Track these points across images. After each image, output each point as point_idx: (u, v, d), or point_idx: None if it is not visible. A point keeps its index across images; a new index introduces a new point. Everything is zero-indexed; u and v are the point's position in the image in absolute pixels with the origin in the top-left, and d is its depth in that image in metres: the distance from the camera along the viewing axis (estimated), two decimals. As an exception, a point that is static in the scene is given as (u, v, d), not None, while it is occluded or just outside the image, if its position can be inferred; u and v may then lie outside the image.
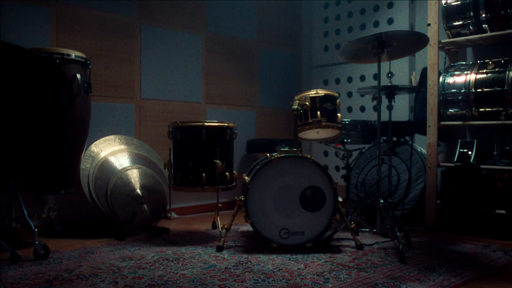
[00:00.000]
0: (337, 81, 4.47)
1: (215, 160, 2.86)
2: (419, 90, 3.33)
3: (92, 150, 3.27)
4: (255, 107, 4.44)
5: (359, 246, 2.76)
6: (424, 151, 3.59)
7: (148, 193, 3.20)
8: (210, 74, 4.07)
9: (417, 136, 3.84)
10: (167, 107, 3.77)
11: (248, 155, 4.26)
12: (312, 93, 2.95)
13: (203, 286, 2.05)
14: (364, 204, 3.01)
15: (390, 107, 3.03)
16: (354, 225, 2.83)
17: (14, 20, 2.98)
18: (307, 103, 2.92)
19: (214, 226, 3.40)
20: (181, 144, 2.93)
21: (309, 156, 2.70)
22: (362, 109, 4.28)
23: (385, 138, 3.20)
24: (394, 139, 3.13)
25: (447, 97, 3.28)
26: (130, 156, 3.33)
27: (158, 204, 3.24)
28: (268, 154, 2.84)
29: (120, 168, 3.20)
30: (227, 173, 2.93)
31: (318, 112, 2.91)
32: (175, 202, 3.86)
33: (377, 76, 4.13)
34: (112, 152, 3.29)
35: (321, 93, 2.94)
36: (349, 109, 4.37)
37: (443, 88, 3.30)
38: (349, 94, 4.37)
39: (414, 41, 2.81)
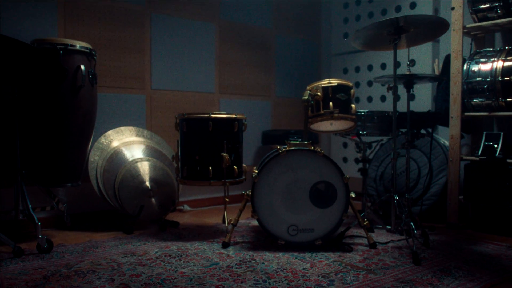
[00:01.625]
0: (357, 69, 4.28)
1: (222, 153, 2.76)
2: (441, 79, 3.12)
3: (101, 141, 3.23)
4: (272, 97, 4.30)
5: (372, 245, 2.61)
6: (448, 143, 3.39)
7: (157, 186, 3.13)
8: (223, 63, 3.96)
9: (441, 128, 3.63)
10: (178, 98, 3.69)
11: (264, 147, 4.15)
12: (325, 82, 2.80)
13: (200, 286, 1.97)
14: (379, 200, 2.86)
15: (408, 97, 2.85)
16: (367, 222, 2.69)
17: (21, 11, 2.94)
18: (318, 94, 2.77)
19: (224, 220, 3.30)
20: (187, 137, 2.85)
21: (319, 150, 2.57)
22: (383, 98, 4.09)
23: (404, 130, 3.02)
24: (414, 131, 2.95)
25: (471, 86, 3.06)
26: (140, 148, 3.28)
27: (167, 197, 3.18)
28: (278, 147, 2.72)
29: (129, 160, 3.15)
30: (235, 167, 2.83)
31: (331, 103, 2.76)
32: (188, 194, 3.80)
33: (399, 64, 3.94)
34: (122, 144, 3.24)
35: (334, 82, 2.79)
36: (369, 99, 4.18)
37: (468, 77, 3.08)
38: (370, 83, 4.18)
39: (434, 26, 2.61)
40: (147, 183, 3.10)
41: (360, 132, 3.11)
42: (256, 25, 4.17)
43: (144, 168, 3.14)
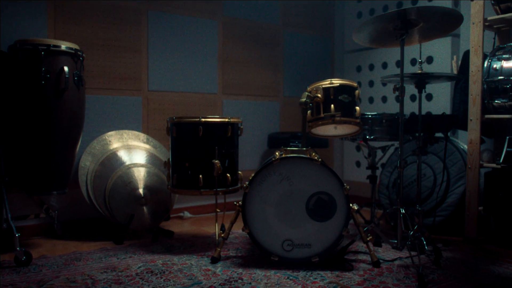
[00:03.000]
0: (371, 67, 4.00)
1: (213, 160, 2.56)
2: (458, 78, 2.82)
3: (93, 146, 3.08)
4: (280, 98, 4.07)
5: (376, 263, 2.36)
6: (466, 148, 3.08)
7: (150, 194, 2.96)
8: (227, 62, 3.75)
9: (460, 131, 3.32)
10: (178, 99, 3.51)
11: (270, 150, 3.93)
12: (326, 83, 2.56)
13: (172, 313, 1.77)
14: (384, 213, 2.60)
15: (420, 99, 2.58)
16: (371, 237, 2.43)
17: (9, 12, 2.81)
18: (319, 95, 2.53)
19: (223, 229, 3.10)
20: (177, 142, 2.66)
21: (316, 157, 2.33)
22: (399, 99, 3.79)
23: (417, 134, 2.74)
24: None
25: (493, 85, 2.74)
26: (134, 152, 3.11)
27: (161, 205, 3.00)
28: (277, 153, 2.50)
29: (121, 166, 2.99)
30: (228, 174, 2.63)
31: (332, 106, 2.52)
32: (190, 200, 3.62)
33: (414, 61, 3.64)
34: (115, 149, 3.09)
35: (336, 83, 2.55)
36: (384, 99, 3.89)
37: (489, 75, 2.77)
38: (383, 83, 3.89)
39: (447, 19, 2.33)
40: (140, 190, 2.93)
41: (368, 137, 2.86)
42: (262, 21, 3.94)
43: (138, 174, 2.97)
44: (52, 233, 2.98)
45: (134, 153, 3.11)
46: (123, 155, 3.06)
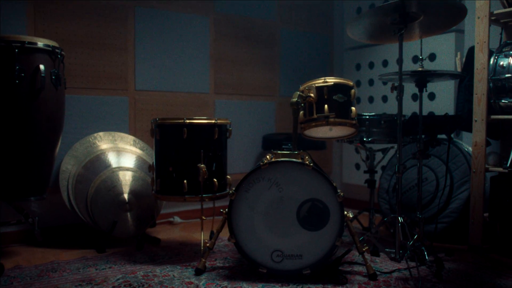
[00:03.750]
0: (371, 65, 3.82)
1: (198, 164, 2.39)
2: (462, 76, 2.64)
3: (75, 149, 2.93)
4: (276, 97, 3.90)
5: (372, 276, 2.19)
6: (471, 150, 2.89)
7: (136, 199, 2.80)
8: (219, 61, 3.59)
9: (465, 132, 3.14)
10: (167, 100, 3.35)
11: (265, 152, 3.75)
12: (319, 82, 2.39)
13: (143, 335, 1.61)
14: (382, 220, 2.42)
15: (421, 98, 2.41)
16: (367, 247, 2.26)
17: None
18: (311, 95, 2.36)
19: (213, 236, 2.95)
20: (161, 145, 2.50)
21: (308, 162, 2.16)
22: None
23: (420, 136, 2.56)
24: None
25: (499, 83, 2.56)
26: (120, 155, 2.95)
27: (146, 211, 2.84)
28: (268, 156, 2.34)
29: (105, 169, 2.83)
30: (214, 179, 2.46)
31: (326, 106, 2.35)
32: (179, 205, 3.46)
33: (415, 59, 3.46)
34: (99, 151, 2.93)
35: (330, 81, 2.37)
36: (384, 99, 3.71)
37: (495, 73, 2.58)
38: (384, 82, 3.70)
39: (450, 12, 2.15)
40: (125, 195, 2.77)
41: (365, 139, 2.68)
42: (258, 18, 3.77)
43: (122, 179, 2.81)
44: (33, 240, 2.84)
45: (119, 156, 2.95)
46: (108, 158, 2.90)
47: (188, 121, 2.40)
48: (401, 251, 2.18)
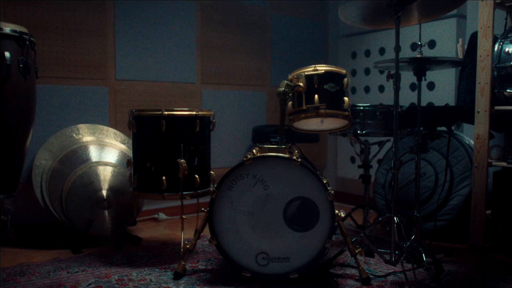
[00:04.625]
0: (367, 53, 3.62)
1: (178, 159, 2.21)
2: (464, 63, 2.45)
3: (51, 142, 2.75)
4: (267, 87, 3.71)
5: (365, 280, 2.02)
6: (473, 143, 2.72)
7: (115, 196, 2.62)
8: (206, 48, 3.39)
9: (466, 125, 2.95)
10: (150, 90, 3.15)
11: (255, 145, 3.56)
12: (309, 70, 2.20)
13: None
14: (378, 217, 2.25)
15: (419, 87, 2.23)
16: (360, 249, 2.09)
17: None
18: (301, 84, 2.17)
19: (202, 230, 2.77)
20: (138, 139, 2.32)
21: (295, 157, 1.98)
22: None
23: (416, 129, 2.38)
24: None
25: (504, 72, 2.38)
26: (99, 149, 2.77)
27: (126, 209, 2.66)
28: (254, 150, 2.16)
29: (82, 164, 2.65)
30: (196, 175, 2.28)
31: (316, 96, 2.16)
32: (165, 201, 3.28)
33: (415, 46, 3.26)
34: (76, 145, 2.75)
35: (321, 70, 2.18)
36: (381, 88, 3.52)
37: (499, 60, 2.40)
38: (380, 70, 3.51)
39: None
40: (103, 192, 2.59)
41: (359, 132, 2.50)
42: (247, 2, 3.56)
43: (100, 174, 2.63)
44: (5, 239, 2.66)
45: (98, 150, 2.77)
46: (86, 152, 2.72)
47: (166, 112, 2.22)
48: (397, 251, 2.01)
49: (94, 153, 2.74)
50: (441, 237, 2.69)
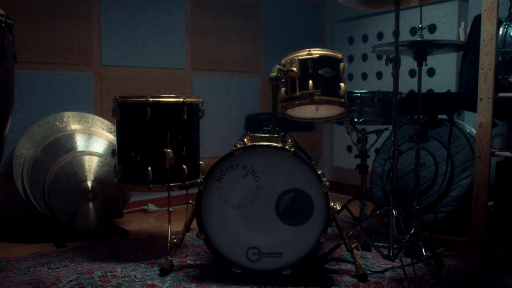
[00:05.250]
0: (365, 38, 3.48)
1: (164, 149, 2.08)
2: (467, 47, 2.32)
3: (33, 131, 2.62)
4: (260, 74, 3.58)
5: (361, 277, 1.91)
6: (475, 132, 2.61)
7: (100, 187, 2.50)
8: (197, 33, 3.24)
9: (467, 112, 2.84)
10: (138, 76, 3.02)
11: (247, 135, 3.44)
12: (303, 54, 2.07)
13: None
14: (375, 209, 2.14)
15: (420, 73, 2.10)
16: (356, 244, 1.98)
17: None
18: (294, 69, 2.05)
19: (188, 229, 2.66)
20: (122, 127, 2.19)
21: (288, 146, 1.86)
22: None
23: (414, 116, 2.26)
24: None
25: (508, 57, 2.26)
26: (84, 139, 2.64)
27: (112, 200, 2.55)
28: (246, 139, 2.04)
29: (64, 154, 2.52)
30: (184, 166, 2.16)
31: (310, 82, 2.03)
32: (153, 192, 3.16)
33: (414, 31, 3.13)
34: (60, 134, 2.62)
35: (316, 54, 2.05)
36: (379, 75, 3.39)
37: (504, 44, 2.27)
38: (379, 56, 3.38)
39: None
40: (88, 183, 2.47)
41: (356, 120, 2.38)
42: (240, -15, 3.41)
43: (87, 164, 2.50)
44: (-14, 233, 2.55)
45: (84, 139, 2.64)
46: (70, 141, 2.59)
47: (151, 99, 2.09)
48: (395, 245, 1.91)
49: (79, 143, 2.61)
50: (440, 230, 2.59)
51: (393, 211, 1.89)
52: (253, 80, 3.52)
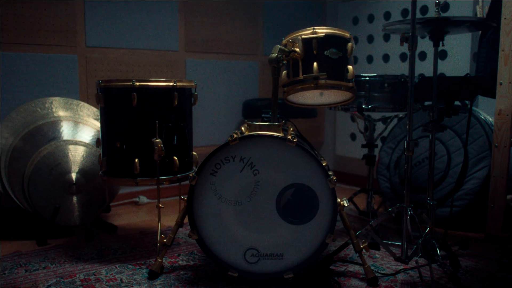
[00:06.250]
0: (370, 18, 3.26)
1: (153, 139, 1.88)
2: (487, 26, 2.11)
3: (11, 118, 2.40)
4: (259, 57, 3.35)
5: (371, 281, 1.73)
6: (491, 120, 2.41)
7: (86, 180, 2.30)
8: (191, 12, 3.01)
9: (481, 98, 2.63)
10: (126, 59, 2.79)
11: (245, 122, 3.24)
12: (307, 33, 1.86)
13: None
14: (382, 202, 1.95)
15: (436, 54, 1.89)
16: (365, 244, 1.79)
17: None
18: (297, 49, 1.84)
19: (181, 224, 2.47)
20: (106, 114, 1.99)
21: (290, 137, 1.66)
22: (404, 57, 3.08)
23: (429, 103, 2.06)
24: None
25: (533, 36, 2.05)
26: (69, 127, 2.43)
27: (99, 193, 2.35)
28: (243, 128, 1.84)
29: (46, 143, 2.32)
30: (175, 157, 1.96)
31: (315, 64, 1.82)
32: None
33: (424, 9, 2.91)
34: (42, 122, 2.40)
35: (321, 32, 1.84)
36: (386, 58, 3.17)
37: (528, 23, 2.06)
38: (386, 37, 3.16)
39: None
40: (72, 175, 2.27)
41: (364, 106, 2.18)
42: (237, -40, 3.17)
43: (70, 155, 2.30)
44: (-37, 229, 2.36)
45: (69, 126, 2.43)
46: (52, 128, 2.38)
47: (138, 83, 1.88)
48: (405, 244, 1.72)
49: (65, 131, 2.40)
50: (453, 225, 2.40)
51: (408, 208, 1.70)
52: (251, 63, 3.30)
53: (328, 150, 3.69)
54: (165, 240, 1.83)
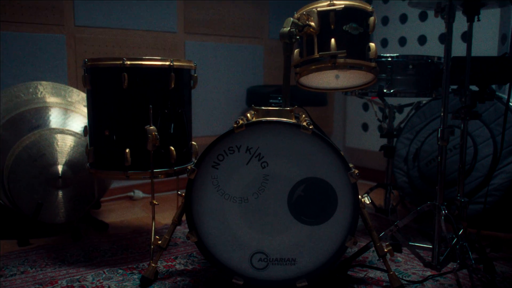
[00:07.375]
0: (386, -2, 3.01)
1: (146, 126, 1.64)
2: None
3: (-9, 104, 2.17)
4: (264, 40, 3.11)
5: (397, 290, 1.50)
6: (522, 107, 2.17)
7: (73, 172, 2.07)
8: (191, -11, 2.77)
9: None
10: (120, 40, 2.55)
11: (249, 109, 3.00)
12: (323, 5, 1.62)
13: None
14: (400, 197, 1.72)
15: (470, 30, 1.65)
16: (390, 247, 1.56)
17: None
18: (312, 24, 1.60)
19: (179, 222, 2.24)
20: (93, 98, 1.75)
21: (305, 123, 1.42)
22: (423, 40, 2.84)
23: (456, 87, 1.82)
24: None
25: None
26: (54, 113, 2.20)
27: (87, 188, 2.12)
28: (249, 114, 1.61)
29: (29, 132, 2.08)
30: (171, 148, 1.73)
31: (333, 40, 1.58)
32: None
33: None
34: (24, 108, 2.17)
35: (339, 4, 1.60)
36: (402, 41, 2.92)
37: None
38: (402, 18, 2.91)
39: None
40: (58, 167, 2.04)
41: (385, 91, 1.93)
42: None
43: (56, 145, 2.06)
44: None
45: (56, 114, 2.20)
46: (36, 116, 2.15)
47: (129, 62, 1.63)
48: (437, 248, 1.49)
49: (53, 119, 2.17)
50: (482, 225, 2.17)
51: (442, 208, 1.46)
52: (255, 47, 3.05)
53: (338, 141, 3.45)
54: (159, 242, 1.60)
